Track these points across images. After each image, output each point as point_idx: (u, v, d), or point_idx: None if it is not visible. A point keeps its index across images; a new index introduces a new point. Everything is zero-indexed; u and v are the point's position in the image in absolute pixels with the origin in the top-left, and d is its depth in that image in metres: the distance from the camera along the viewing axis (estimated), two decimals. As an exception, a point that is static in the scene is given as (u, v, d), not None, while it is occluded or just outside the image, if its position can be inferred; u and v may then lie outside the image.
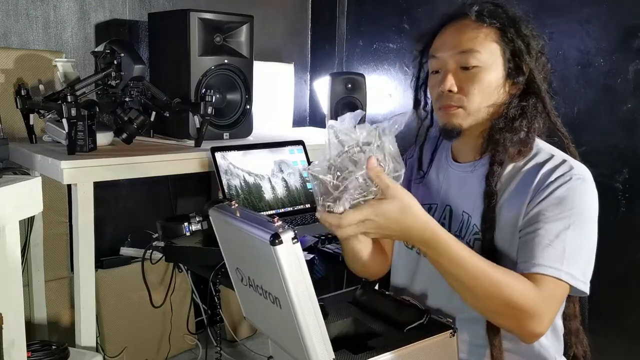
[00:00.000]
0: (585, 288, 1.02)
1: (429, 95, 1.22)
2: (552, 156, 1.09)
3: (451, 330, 0.98)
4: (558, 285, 1.00)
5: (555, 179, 1.04)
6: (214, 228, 1.04)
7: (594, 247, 1.05)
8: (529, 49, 1.10)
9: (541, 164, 1.08)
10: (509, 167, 1.11)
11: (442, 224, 1.16)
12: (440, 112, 1.14)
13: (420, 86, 1.25)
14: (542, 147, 1.12)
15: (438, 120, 1.18)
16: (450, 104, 1.11)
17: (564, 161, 1.07)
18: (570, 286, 1.00)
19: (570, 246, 1.00)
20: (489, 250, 1.07)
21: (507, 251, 1.07)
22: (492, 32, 1.10)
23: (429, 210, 1.22)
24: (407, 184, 1.31)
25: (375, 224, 0.93)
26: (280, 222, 0.81)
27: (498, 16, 1.10)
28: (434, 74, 1.16)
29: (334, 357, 0.84)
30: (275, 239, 0.78)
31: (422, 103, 1.26)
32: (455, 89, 1.10)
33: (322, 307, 1.04)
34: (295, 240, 0.79)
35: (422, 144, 1.30)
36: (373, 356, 0.91)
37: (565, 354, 1.17)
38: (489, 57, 1.09)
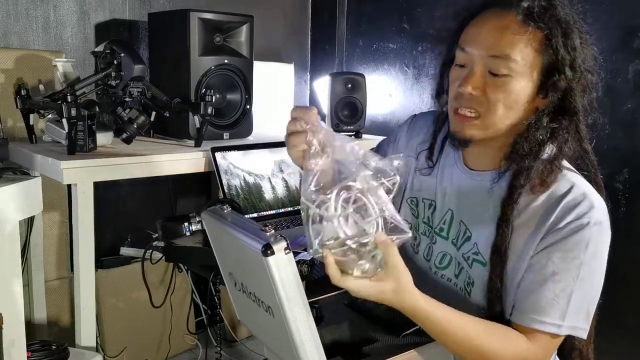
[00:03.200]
0: (585, 334, 0.98)
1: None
2: (573, 186, 0.97)
3: None
4: (557, 338, 0.97)
5: (572, 221, 0.95)
6: (207, 231, 1.03)
7: (599, 290, 0.99)
8: (573, 63, 0.95)
9: (560, 197, 0.97)
10: (525, 194, 0.99)
11: (442, 229, 1.12)
12: (455, 118, 1.02)
13: (445, 72, 1.09)
14: (564, 173, 1.00)
15: (450, 122, 1.06)
16: (468, 110, 1.00)
17: (584, 196, 0.96)
18: None
19: (576, 300, 0.95)
20: (495, 285, 1.01)
21: (510, 283, 1.01)
22: (536, 37, 0.94)
23: (429, 206, 1.15)
24: (413, 172, 1.22)
25: (372, 296, 0.88)
26: (272, 232, 0.79)
27: (548, 19, 0.94)
28: (459, 67, 1.02)
29: None
30: (267, 250, 0.76)
31: (446, 89, 1.10)
32: (477, 93, 0.98)
33: (317, 310, 1.04)
34: (288, 250, 0.78)
35: (438, 132, 1.16)
36: None
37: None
38: (524, 66, 0.95)
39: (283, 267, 0.77)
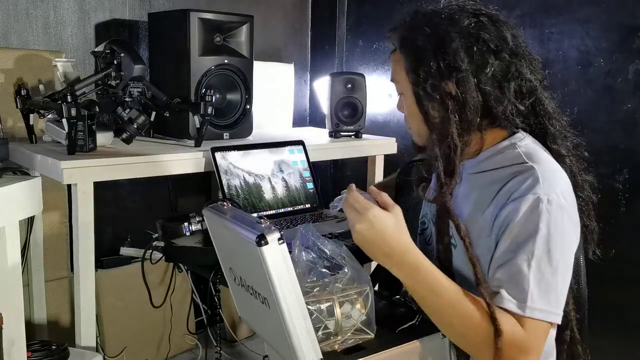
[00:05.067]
0: (557, 319, 0.93)
1: None
2: (517, 163, 0.99)
3: None
4: (540, 325, 0.92)
5: (518, 198, 0.94)
6: (208, 228, 1.06)
7: (565, 272, 0.96)
8: (424, 72, 1.03)
9: (505, 176, 0.99)
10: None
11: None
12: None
13: None
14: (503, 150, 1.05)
15: None
16: (406, 124, 1.17)
17: (531, 169, 0.96)
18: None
19: (536, 282, 0.91)
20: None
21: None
22: (402, 59, 1.08)
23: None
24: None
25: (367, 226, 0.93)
26: (267, 223, 0.83)
27: (407, 42, 1.08)
28: None
29: (321, 357, 0.84)
30: (261, 240, 0.79)
31: None
32: (402, 111, 1.16)
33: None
34: (282, 241, 0.80)
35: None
36: (363, 356, 0.91)
37: None
38: (405, 84, 1.09)
39: (276, 256, 0.80)
